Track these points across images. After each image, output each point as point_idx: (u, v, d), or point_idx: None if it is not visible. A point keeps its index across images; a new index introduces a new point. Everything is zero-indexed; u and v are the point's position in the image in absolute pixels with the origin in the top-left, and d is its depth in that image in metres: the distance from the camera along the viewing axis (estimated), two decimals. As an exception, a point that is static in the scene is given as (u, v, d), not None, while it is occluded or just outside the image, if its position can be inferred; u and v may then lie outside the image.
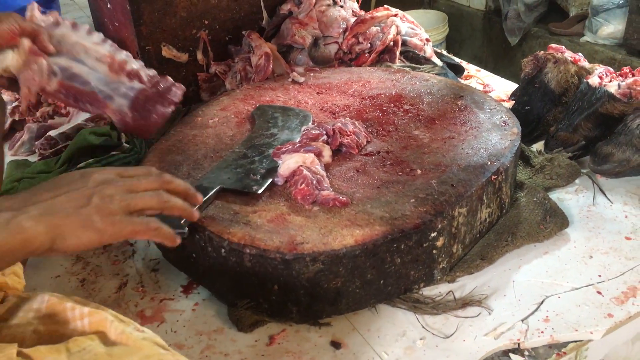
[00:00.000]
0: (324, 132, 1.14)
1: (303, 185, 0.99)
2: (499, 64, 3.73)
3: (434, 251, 0.97)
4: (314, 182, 1.00)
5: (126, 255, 1.16)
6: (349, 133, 1.14)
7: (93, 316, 0.72)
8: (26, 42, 0.97)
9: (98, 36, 1.09)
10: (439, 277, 1.01)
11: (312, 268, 0.90)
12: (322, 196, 0.99)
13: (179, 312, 1.01)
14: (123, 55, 1.11)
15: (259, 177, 1.05)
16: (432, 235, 0.95)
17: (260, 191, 1.02)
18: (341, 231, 0.92)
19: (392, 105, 1.31)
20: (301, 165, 1.04)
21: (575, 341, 0.93)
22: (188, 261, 1.02)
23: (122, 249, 1.17)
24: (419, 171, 1.07)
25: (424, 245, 0.95)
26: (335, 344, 0.93)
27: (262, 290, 0.94)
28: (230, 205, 1.00)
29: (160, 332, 0.97)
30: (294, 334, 0.95)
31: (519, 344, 0.92)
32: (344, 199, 0.99)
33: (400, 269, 0.95)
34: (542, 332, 0.93)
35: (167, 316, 1.01)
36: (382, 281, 0.95)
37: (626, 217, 1.19)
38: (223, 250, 0.93)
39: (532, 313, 0.97)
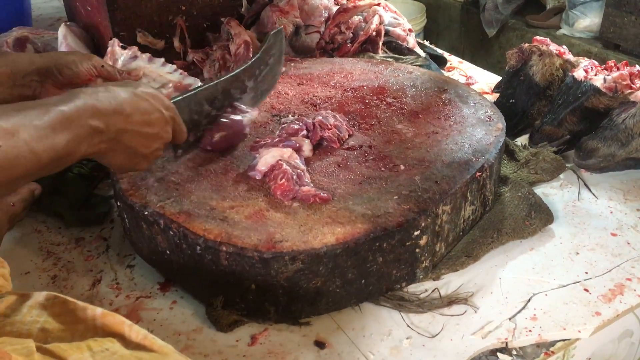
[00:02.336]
0: (304, 127, 1.10)
1: (283, 180, 0.96)
2: (476, 55, 3.73)
3: (417, 250, 0.95)
4: (294, 177, 0.97)
5: (100, 251, 1.11)
6: (330, 127, 1.10)
7: (107, 318, 0.71)
8: (100, 82, 1.05)
9: (170, 67, 1.25)
10: (421, 276, 0.99)
11: (291, 267, 0.86)
12: (302, 192, 0.96)
13: (156, 311, 0.97)
14: (190, 80, 1.26)
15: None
16: (416, 233, 0.93)
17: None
18: (322, 229, 0.89)
19: (374, 97, 1.28)
20: (280, 160, 1.00)
21: (564, 340, 0.92)
22: (162, 258, 0.98)
23: (95, 244, 1.13)
24: (402, 167, 1.04)
25: (407, 244, 0.92)
26: (320, 344, 0.90)
27: (239, 290, 0.90)
28: (206, 200, 0.96)
29: None
30: (277, 333, 0.92)
31: (506, 343, 0.90)
32: (325, 195, 0.95)
33: (382, 268, 0.92)
34: (530, 330, 0.92)
35: (144, 315, 0.97)
36: (363, 281, 0.92)
37: (611, 212, 1.18)
38: (198, 248, 0.89)
39: (520, 311, 0.95)
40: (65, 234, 1.16)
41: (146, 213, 0.94)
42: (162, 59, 1.24)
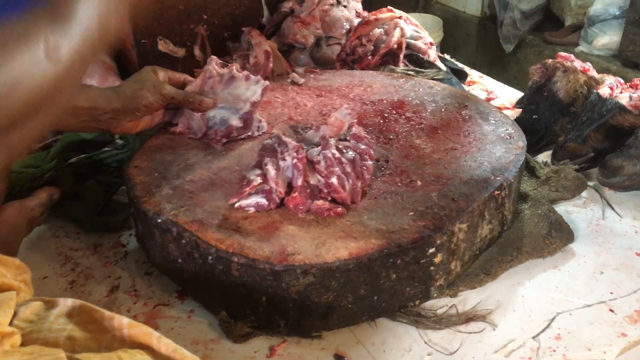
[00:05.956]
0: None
1: (295, 193, 0.94)
2: (493, 70, 3.70)
3: (432, 268, 0.93)
4: (308, 190, 0.96)
5: (118, 257, 1.11)
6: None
7: (134, 328, 0.69)
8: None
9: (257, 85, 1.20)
10: (435, 295, 0.96)
11: (302, 281, 0.85)
12: (316, 205, 0.95)
13: (174, 319, 0.97)
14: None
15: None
16: (431, 251, 0.91)
17: None
18: (335, 243, 0.88)
19: (393, 111, 1.27)
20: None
21: None
22: (174, 266, 0.97)
23: (114, 250, 1.13)
24: (419, 182, 1.02)
25: (422, 261, 0.91)
26: (339, 357, 0.89)
27: (250, 302, 0.89)
28: (220, 210, 0.95)
29: None
30: (295, 345, 0.91)
31: None
32: (340, 209, 0.94)
33: (396, 285, 0.91)
34: (554, 350, 0.90)
35: (161, 323, 0.96)
36: (375, 297, 0.90)
37: (636, 232, 1.15)
38: (210, 258, 0.89)
39: (544, 330, 0.93)
40: (83, 240, 1.16)
41: (159, 221, 0.94)
42: (259, 77, 1.18)
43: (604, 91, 1.33)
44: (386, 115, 1.25)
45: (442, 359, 0.89)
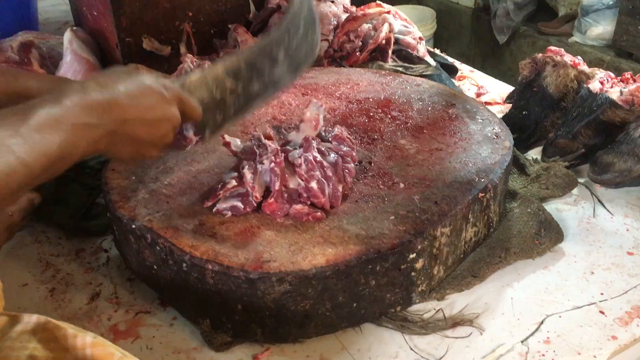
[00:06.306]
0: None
1: (272, 199, 0.92)
2: (487, 62, 3.68)
3: (413, 273, 0.90)
4: (286, 195, 0.93)
5: (100, 263, 1.09)
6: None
7: (97, 348, 0.68)
8: None
9: None
10: (417, 301, 0.94)
11: (278, 288, 0.83)
12: (295, 210, 0.92)
13: (156, 327, 0.95)
14: None
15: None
16: (411, 256, 0.88)
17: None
18: (312, 249, 0.86)
19: (379, 110, 1.24)
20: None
21: None
22: (150, 272, 0.95)
23: (95, 255, 1.11)
24: (401, 185, 1.00)
25: (402, 267, 0.88)
26: None
27: (225, 310, 0.87)
28: (196, 215, 0.93)
29: (135, 349, 0.90)
30: (279, 352, 0.89)
31: None
32: (319, 213, 0.92)
33: (375, 291, 0.88)
34: (543, 355, 0.88)
35: (143, 331, 0.94)
36: (355, 304, 0.88)
37: (628, 230, 1.13)
38: (184, 265, 0.86)
39: (532, 334, 0.91)
40: (65, 245, 1.14)
41: (133, 227, 0.92)
42: None
43: (594, 86, 1.31)
44: (372, 114, 1.23)
45: (431, 365, 0.87)
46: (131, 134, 0.75)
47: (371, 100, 1.29)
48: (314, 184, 0.93)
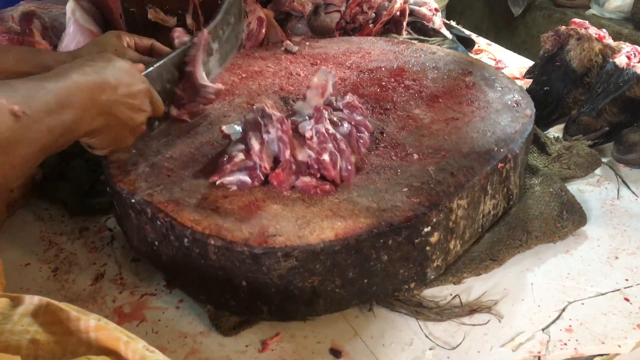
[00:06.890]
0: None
1: (279, 169, 0.87)
2: (500, 35, 3.57)
3: (427, 247, 0.85)
4: (294, 166, 0.88)
5: (104, 242, 1.05)
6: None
7: (102, 332, 0.65)
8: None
9: None
10: (432, 277, 0.89)
11: (284, 264, 0.78)
12: (303, 182, 0.87)
13: (161, 310, 0.91)
14: None
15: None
16: (426, 230, 0.83)
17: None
18: (320, 223, 0.81)
19: (392, 80, 1.18)
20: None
21: (601, 355, 0.84)
22: (151, 249, 0.90)
23: (100, 234, 1.07)
24: (415, 156, 0.94)
25: (416, 241, 0.83)
26: (335, 352, 0.83)
27: (230, 287, 0.83)
28: (199, 188, 0.88)
29: (140, 332, 0.86)
30: (289, 338, 0.85)
31: (539, 357, 0.82)
32: (328, 186, 0.87)
33: (388, 267, 0.83)
34: (565, 344, 0.84)
35: (148, 314, 0.90)
36: (365, 280, 0.83)
37: (653, 212, 1.08)
38: (186, 240, 0.82)
39: (554, 321, 0.87)
40: (68, 223, 1.10)
41: (133, 201, 0.87)
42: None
43: (620, 60, 1.25)
44: (384, 83, 1.17)
45: (445, 354, 0.82)
46: (119, 116, 0.80)
47: (383, 69, 1.23)
48: (326, 156, 0.87)
